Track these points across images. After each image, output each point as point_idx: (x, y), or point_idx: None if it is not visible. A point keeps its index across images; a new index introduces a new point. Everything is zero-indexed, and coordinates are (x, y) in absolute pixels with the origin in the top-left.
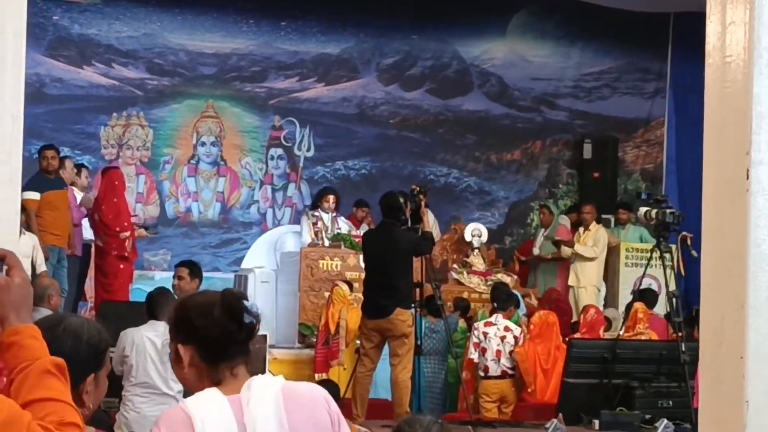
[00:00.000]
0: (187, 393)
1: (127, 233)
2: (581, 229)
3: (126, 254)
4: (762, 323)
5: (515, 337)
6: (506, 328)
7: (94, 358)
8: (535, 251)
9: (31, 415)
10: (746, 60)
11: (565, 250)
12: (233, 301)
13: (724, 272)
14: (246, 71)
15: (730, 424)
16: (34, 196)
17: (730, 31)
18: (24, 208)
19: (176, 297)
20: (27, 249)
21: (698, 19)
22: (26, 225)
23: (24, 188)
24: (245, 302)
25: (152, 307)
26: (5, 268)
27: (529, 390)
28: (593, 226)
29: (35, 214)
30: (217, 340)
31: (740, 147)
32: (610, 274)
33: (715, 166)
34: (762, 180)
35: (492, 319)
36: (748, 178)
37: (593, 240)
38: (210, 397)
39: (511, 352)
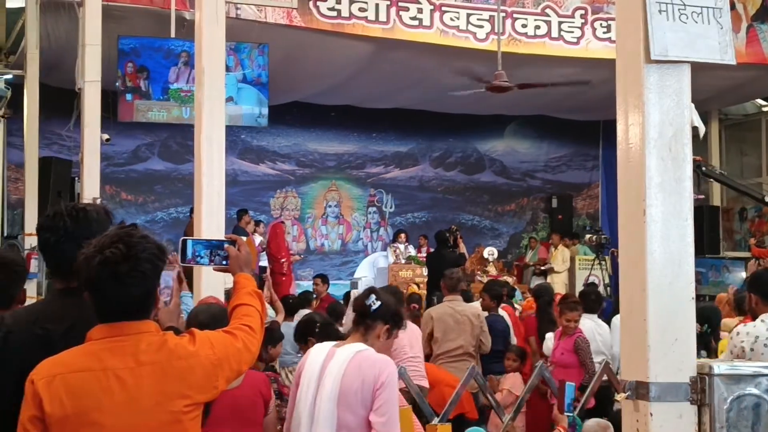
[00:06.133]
0: None
1: (284, 259)
2: (552, 249)
3: (285, 272)
4: (656, 299)
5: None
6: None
7: None
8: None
9: (227, 338)
10: (641, 146)
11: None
12: (363, 291)
13: (632, 269)
14: (353, 163)
15: (638, 360)
16: None
17: (630, 129)
18: None
19: (314, 296)
20: None
21: (615, 124)
22: None
23: None
24: (372, 295)
25: (293, 305)
26: (237, 244)
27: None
28: (560, 247)
29: None
30: (359, 314)
31: (639, 196)
32: (571, 275)
33: (626, 208)
34: (653, 215)
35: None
36: (644, 215)
37: (561, 258)
38: (324, 347)
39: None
